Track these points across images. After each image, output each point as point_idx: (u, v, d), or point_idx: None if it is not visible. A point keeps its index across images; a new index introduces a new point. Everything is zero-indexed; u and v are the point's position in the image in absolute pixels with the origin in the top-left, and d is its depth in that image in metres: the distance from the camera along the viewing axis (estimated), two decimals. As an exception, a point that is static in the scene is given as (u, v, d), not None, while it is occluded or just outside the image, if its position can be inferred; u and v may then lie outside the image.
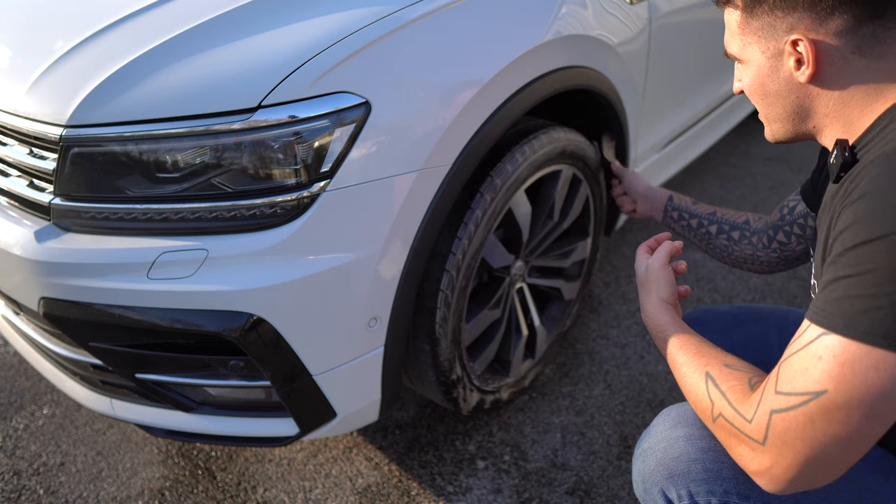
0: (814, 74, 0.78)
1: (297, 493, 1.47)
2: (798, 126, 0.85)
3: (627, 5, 1.58)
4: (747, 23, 0.82)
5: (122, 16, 1.17)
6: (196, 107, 1.01)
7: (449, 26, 1.18)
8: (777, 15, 0.78)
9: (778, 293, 2.15)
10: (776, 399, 0.69)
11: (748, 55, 0.85)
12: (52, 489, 1.49)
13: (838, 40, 0.75)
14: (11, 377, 1.80)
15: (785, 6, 0.77)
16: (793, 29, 0.77)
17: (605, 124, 1.69)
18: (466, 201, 1.29)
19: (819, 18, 0.75)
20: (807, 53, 0.76)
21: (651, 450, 0.91)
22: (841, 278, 0.67)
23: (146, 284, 1.05)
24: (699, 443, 0.86)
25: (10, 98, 1.13)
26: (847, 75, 0.77)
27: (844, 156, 0.76)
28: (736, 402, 0.74)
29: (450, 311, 1.32)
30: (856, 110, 0.78)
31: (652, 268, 1.01)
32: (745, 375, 0.77)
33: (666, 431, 0.90)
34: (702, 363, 0.82)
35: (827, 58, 0.77)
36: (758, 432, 0.70)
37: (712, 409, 0.78)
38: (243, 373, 1.17)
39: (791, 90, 0.82)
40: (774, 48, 0.80)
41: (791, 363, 0.69)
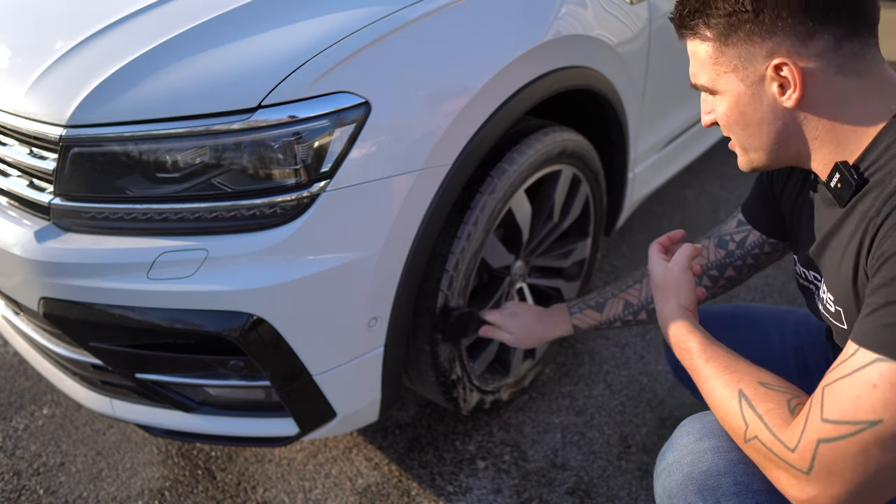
0: (801, 98, 0.75)
1: (297, 493, 1.47)
2: (781, 153, 0.83)
3: (627, 5, 1.58)
4: (721, 52, 0.79)
5: (122, 16, 1.17)
6: (196, 107, 1.01)
7: (449, 26, 1.18)
8: (755, 41, 0.76)
9: (778, 293, 2.15)
10: (824, 427, 0.66)
11: (723, 86, 0.81)
12: (52, 489, 1.49)
13: (821, 61, 0.74)
14: (11, 377, 1.81)
15: (762, 31, 0.75)
16: (774, 53, 0.75)
17: (605, 124, 1.69)
18: (466, 201, 1.29)
19: (800, 40, 0.74)
20: (792, 77, 0.75)
21: (677, 464, 0.86)
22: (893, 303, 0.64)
23: (146, 284, 1.05)
24: (728, 455, 0.83)
25: (10, 98, 1.13)
26: (833, 96, 0.75)
27: (854, 178, 0.74)
28: (776, 429, 0.71)
29: (450, 311, 1.32)
30: (848, 130, 0.76)
31: (672, 272, 0.95)
32: (783, 397, 0.74)
33: (692, 444, 0.86)
34: (733, 379, 0.78)
35: (812, 79, 0.75)
36: (802, 462, 0.67)
37: (746, 430, 0.75)
38: (243, 373, 1.17)
39: (776, 116, 0.79)
40: (754, 75, 0.78)
41: (838, 389, 0.66)
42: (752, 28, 0.75)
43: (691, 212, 2.66)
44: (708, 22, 0.78)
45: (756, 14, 0.74)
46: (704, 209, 2.68)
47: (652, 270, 0.99)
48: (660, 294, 0.96)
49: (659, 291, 0.97)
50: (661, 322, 0.95)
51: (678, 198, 2.75)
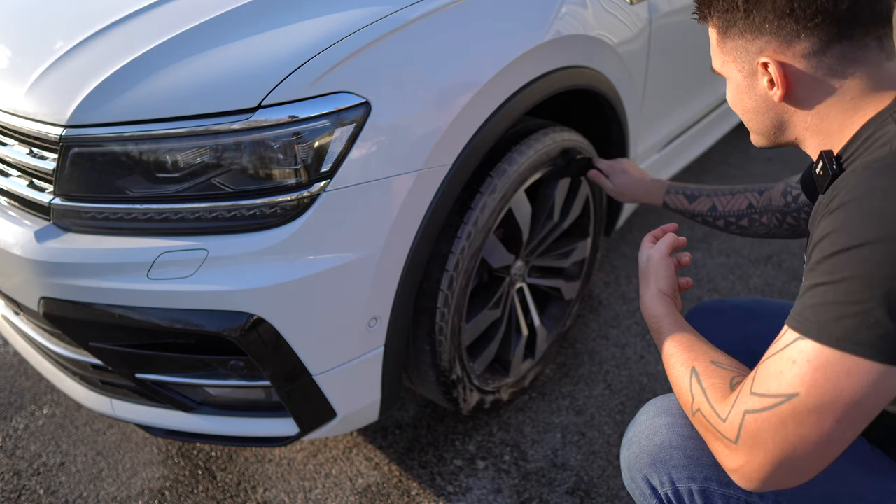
0: (785, 94, 0.80)
1: (297, 493, 1.47)
2: (779, 138, 0.88)
3: (627, 5, 1.58)
4: (723, 42, 0.85)
5: (122, 16, 1.17)
6: (196, 107, 1.01)
7: (449, 26, 1.18)
8: (747, 37, 0.81)
9: (778, 293, 2.15)
10: (750, 400, 0.70)
11: (727, 72, 0.88)
12: (52, 489, 1.49)
13: (807, 62, 0.77)
14: (11, 377, 1.80)
15: (753, 30, 0.79)
16: (762, 51, 0.80)
17: (605, 124, 1.69)
18: (466, 201, 1.29)
19: (785, 42, 0.77)
20: (776, 75, 0.79)
21: (636, 438, 0.93)
22: (818, 285, 0.68)
23: (146, 284, 1.05)
24: (681, 431, 0.89)
25: (10, 98, 1.13)
26: (821, 94, 0.78)
27: (832, 167, 0.78)
28: (714, 401, 0.76)
29: (450, 311, 1.32)
30: (834, 124, 0.79)
31: (653, 259, 1.01)
32: (728, 374, 0.78)
33: (650, 420, 0.93)
34: (690, 357, 0.84)
35: (797, 79, 0.78)
36: (731, 431, 0.72)
37: (692, 403, 0.79)
38: (243, 373, 1.17)
39: (768, 107, 0.84)
40: (749, 68, 0.83)
41: (767, 365, 0.71)
42: (744, 25, 0.80)
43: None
44: (711, 14, 0.85)
45: (747, 13, 0.79)
46: (704, 209, 2.67)
47: (639, 258, 1.06)
48: (642, 280, 1.02)
49: (641, 277, 1.03)
50: (641, 306, 1.00)
51: (678, 198, 2.74)
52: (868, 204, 0.67)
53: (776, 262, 2.29)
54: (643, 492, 0.91)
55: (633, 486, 0.94)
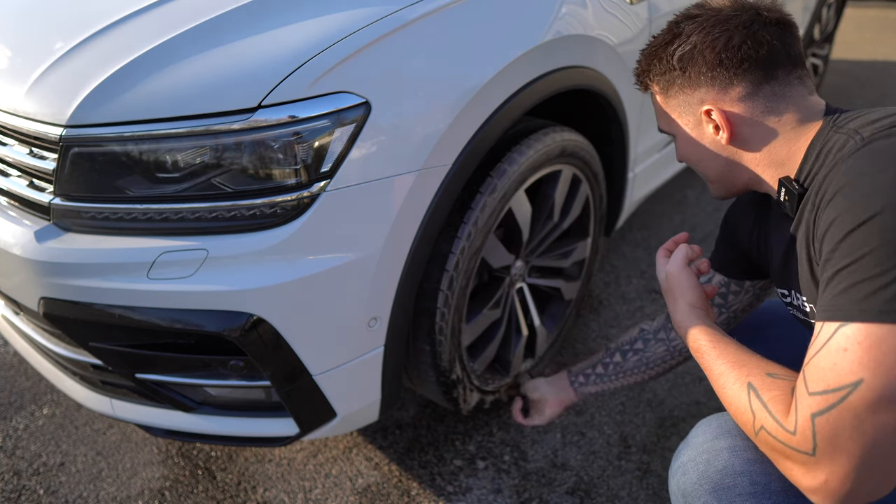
0: (731, 136, 0.88)
1: (297, 493, 1.47)
2: (735, 181, 0.93)
3: (627, 5, 1.58)
4: (666, 102, 0.94)
5: (122, 16, 1.17)
6: (196, 107, 1.01)
7: (449, 26, 1.18)
8: (687, 92, 0.90)
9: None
10: (812, 401, 0.66)
11: (675, 130, 0.96)
12: (52, 489, 1.49)
13: (744, 105, 0.86)
14: (11, 377, 1.80)
15: (691, 84, 0.89)
16: (703, 101, 0.89)
17: (605, 124, 1.69)
18: (466, 201, 1.29)
19: (721, 90, 0.87)
20: (720, 120, 0.87)
21: (692, 462, 0.86)
22: (841, 270, 0.67)
23: (146, 284, 1.05)
24: (744, 454, 0.82)
25: (10, 98, 1.13)
26: (762, 131, 0.86)
27: (796, 188, 0.83)
28: (778, 414, 0.70)
29: (450, 311, 1.32)
30: (782, 154, 0.86)
31: (671, 273, 0.97)
32: (787, 385, 0.72)
33: (707, 443, 0.86)
34: (743, 373, 0.78)
35: (738, 120, 0.87)
36: (805, 443, 0.66)
37: (754, 421, 0.74)
38: (243, 373, 1.17)
39: (718, 151, 0.91)
40: (693, 119, 0.92)
41: (816, 363, 0.67)
42: (682, 82, 0.90)
43: (691, 212, 2.66)
44: (652, 79, 0.95)
45: (683, 71, 0.89)
46: (705, 209, 2.68)
47: (658, 275, 1.03)
48: (668, 298, 0.98)
49: (667, 295, 0.99)
50: (674, 325, 0.95)
51: (678, 198, 2.75)
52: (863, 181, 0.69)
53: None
54: None
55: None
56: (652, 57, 0.94)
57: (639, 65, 0.98)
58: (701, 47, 0.86)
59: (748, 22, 0.85)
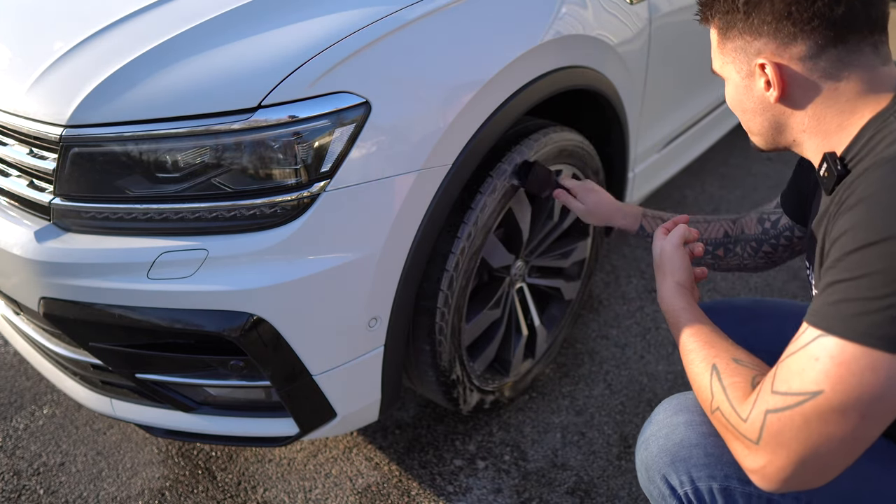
0: (781, 96, 0.81)
1: (297, 493, 1.47)
2: (777, 139, 0.89)
3: (627, 5, 1.58)
4: (723, 43, 0.87)
5: (122, 16, 1.17)
6: (196, 107, 1.01)
7: (449, 26, 1.18)
8: (746, 38, 0.82)
9: (778, 293, 2.15)
10: (772, 399, 0.69)
11: (727, 73, 0.89)
12: (52, 489, 1.49)
13: (802, 65, 0.79)
14: (11, 377, 1.80)
15: (752, 31, 0.81)
16: (760, 52, 0.81)
17: (605, 124, 1.69)
18: (466, 201, 1.29)
19: (782, 44, 0.79)
20: (773, 77, 0.80)
21: (653, 437, 0.91)
22: (839, 282, 0.67)
23: (146, 284, 1.05)
24: (700, 428, 0.87)
25: (10, 98, 1.13)
26: (816, 96, 0.80)
27: (837, 169, 0.78)
28: (734, 400, 0.75)
29: (450, 311, 1.32)
30: (832, 126, 0.80)
31: (665, 250, 1.00)
32: (750, 373, 0.77)
33: (668, 418, 0.91)
34: (710, 353, 0.82)
35: (793, 81, 0.80)
36: (752, 432, 0.71)
37: (712, 401, 0.78)
38: (243, 373, 1.17)
39: (765, 108, 0.85)
40: (747, 69, 0.85)
41: (788, 364, 0.70)
42: (743, 27, 0.82)
43: (691, 212, 2.66)
44: (713, 15, 0.87)
45: (746, 15, 0.81)
46: (704, 209, 2.68)
47: (653, 251, 1.05)
48: (658, 272, 1.01)
49: (658, 270, 1.01)
50: (658, 299, 0.99)
51: (678, 198, 2.75)
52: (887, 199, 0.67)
53: (776, 262, 2.29)
54: (662, 492, 0.89)
55: (650, 486, 0.92)
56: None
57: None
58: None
59: None
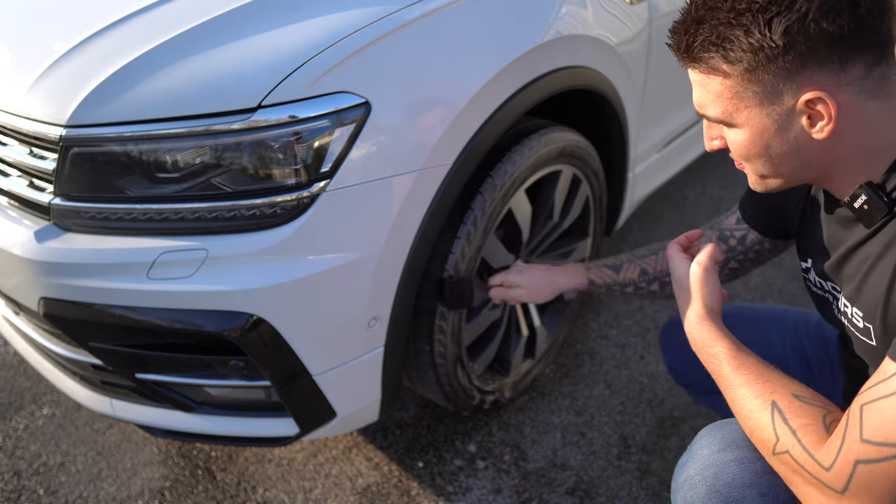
0: (833, 129, 0.72)
1: (297, 493, 1.47)
2: (801, 177, 0.81)
3: (627, 5, 1.57)
4: (742, 87, 0.74)
5: (122, 16, 1.17)
6: (196, 107, 1.01)
7: (448, 26, 1.18)
8: (783, 76, 0.71)
9: (777, 293, 2.15)
10: (863, 449, 0.64)
11: (743, 119, 0.76)
12: (52, 489, 1.49)
13: (851, 89, 0.71)
14: (11, 377, 1.81)
15: (794, 66, 0.70)
16: (805, 87, 0.71)
17: (605, 124, 1.69)
18: (466, 201, 1.29)
19: (833, 72, 0.70)
20: (826, 111, 0.71)
21: (699, 475, 0.83)
22: None
23: (146, 284, 1.05)
24: (752, 466, 0.80)
25: (10, 98, 1.13)
26: (863, 122, 0.73)
27: (885, 200, 0.73)
28: (810, 446, 0.69)
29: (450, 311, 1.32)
30: (875, 151, 0.74)
31: (697, 273, 0.91)
32: (818, 412, 0.72)
33: (714, 455, 0.84)
34: (766, 389, 0.76)
35: (844, 110, 0.71)
36: (837, 482, 0.66)
37: (776, 444, 0.73)
38: (243, 373, 1.17)
39: (802, 147, 0.75)
40: (781, 109, 0.73)
41: (879, 409, 0.64)
42: (781, 63, 0.70)
43: (691, 212, 2.66)
44: (727, 56, 0.72)
45: (786, 49, 0.69)
46: (704, 209, 2.68)
47: (674, 270, 0.96)
48: (684, 295, 0.93)
49: (683, 292, 0.93)
50: (686, 324, 0.91)
51: (678, 198, 2.75)
52: None
53: (776, 262, 2.29)
54: None
55: None
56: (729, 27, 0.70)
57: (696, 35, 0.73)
58: (816, 16, 0.67)
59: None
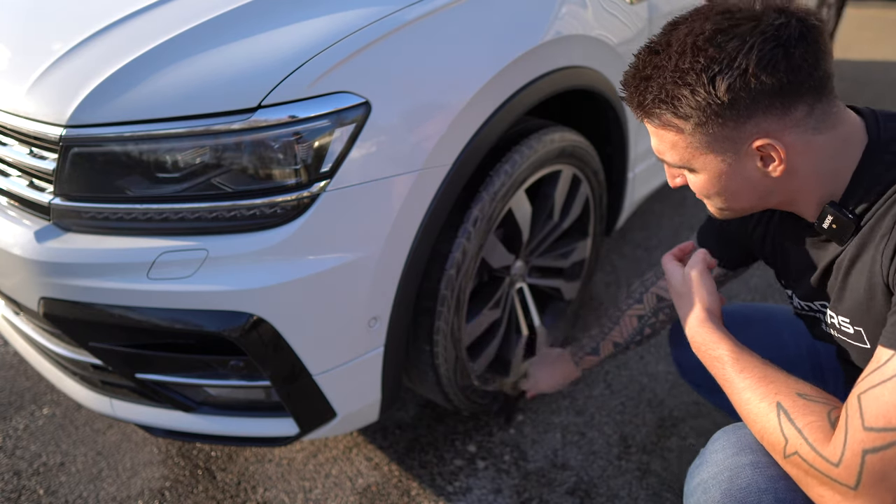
0: (785, 168, 0.77)
1: (297, 493, 1.47)
2: (762, 206, 0.85)
3: (627, 5, 1.58)
4: (695, 138, 0.79)
5: (122, 16, 1.17)
6: (196, 107, 1.01)
7: (448, 26, 1.18)
8: (730, 126, 0.76)
9: (778, 293, 2.15)
10: (868, 437, 0.64)
11: (699, 165, 0.81)
12: (52, 489, 1.49)
13: (797, 130, 0.75)
14: (11, 377, 1.80)
15: (740, 116, 0.75)
16: (753, 135, 0.76)
17: (605, 124, 1.69)
18: (466, 201, 1.29)
19: (777, 118, 0.75)
20: (776, 153, 0.76)
21: (713, 480, 0.83)
22: None
23: (146, 284, 1.05)
24: (767, 471, 0.80)
25: (10, 98, 1.13)
26: (813, 154, 0.78)
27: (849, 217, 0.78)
28: (817, 443, 0.69)
29: (450, 311, 1.32)
30: (829, 176, 0.79)
31: (691, 277, 0.94)
32: (823, 409, 0.72)
33: (729, 459, 0.83)
34: (770, 391, 0.77)
35: (792, 149, 0.77)
36: (848, 477, 0.65)
37: (786, 446, 0.73)
38: (243, 373, 1.17)
39: (758, 184, 0.81)
40: (734, 156, 0.78)
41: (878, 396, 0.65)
42: (728, 116, 0.75)
43: (691, 212, 2.66)
44: (677, 112, 0.77)
45: (731, 104, 0.74)
46: (704, 209, 2.68)
47: (670, 278, 0.98)
48: (682, 301, 0.95)
49: (681, 298, 0.95)
50: (686, 329, 0.92)
51: (678, 198, 2.75)
52: None
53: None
54: None
55: None
56: (676, 86, 0.75)
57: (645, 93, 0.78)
58: (756, 71, 0.71)
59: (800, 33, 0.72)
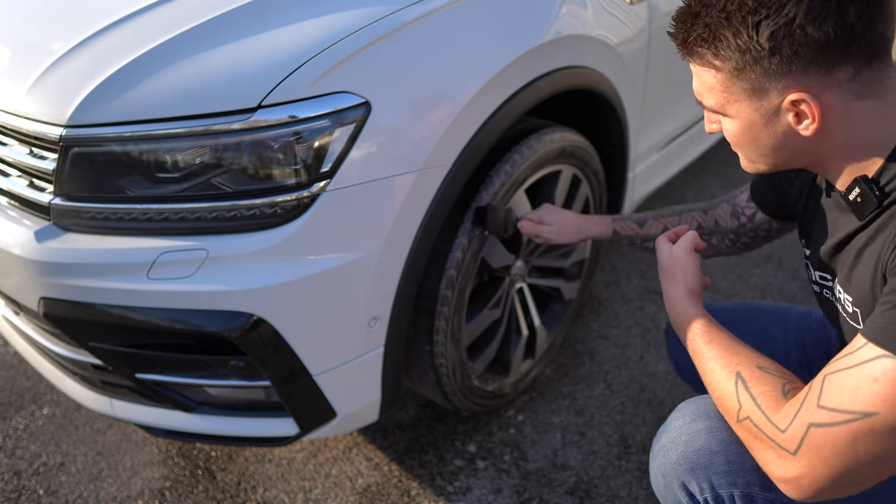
0: (818, 128, 0.74)
1: (297, 493, 1.47)
2: (791, 164, 0.83)
3: (627, 5, 1.58)
4: (731, 82, 0.77)
5: (122, 16, 1.17)
6: (196, 107, 1.01)
7: (448, 26, 1.18)
8: (769, 77, 0.73)
9: (778, 292, 2.15)
10: (817, 413, 0.68)
11: (733, 112, 0.80)
12: (52, 489, 1.49)
13: (839, 91, 0.72)
14: (11, 377, 1.80)
15: (780, 68, 0.72)
16: (789, 88, 0.73)
17: (605, 124, 1.69)
18: (466, 201, 1.29)
19: (819, 76, 0.72)
20: (810, 111, 0.73)
21: (672, 444, 0.89)
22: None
23: (146, 284, 1.05)
24: (720, 435, 0.86)
25: (10, 98, 1.13)
26: (851, 121, 0.74)
27: (876, 194, 0.75)
28: (768, 410, 0.74)
29: (450, 311, 1.32)
30: (865, 147, 0.76)
31: (677, 255, 0.98)
32: (778, 381, 0.76)
33: (686, 425, 0.89)
34: (732, 362, 0.81)
35: (830, 110, 0.73)
36: (791, 443, 0.70)
37: (739, 411, 0.77)
38: (243, 373, 1.17)
39: (789, 141, 0.78)
40: (768, 107, 0.76)
41: (839, 379, 0.68)
42: (767, 65, 0.72)
43: (691, 212, 2.66)
44: (717, 53, 0.75)
45: (772, 53, 0.71)
46: (704, 209, 2.68)
47: (659, 256, 1.02)
48: (666, 277, 0.99)
49: (665, 274, 0.99)
50: (667, 304, 0.97)
51: (678, 198, 2.75)
52: None
53: (776, 262, 2.29)
54: (679, 500, 0.88)
55: (666, 493, 0.90)
56: (720, 26, 0.73)
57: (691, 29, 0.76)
58: (803, 22, 0.68)
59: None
